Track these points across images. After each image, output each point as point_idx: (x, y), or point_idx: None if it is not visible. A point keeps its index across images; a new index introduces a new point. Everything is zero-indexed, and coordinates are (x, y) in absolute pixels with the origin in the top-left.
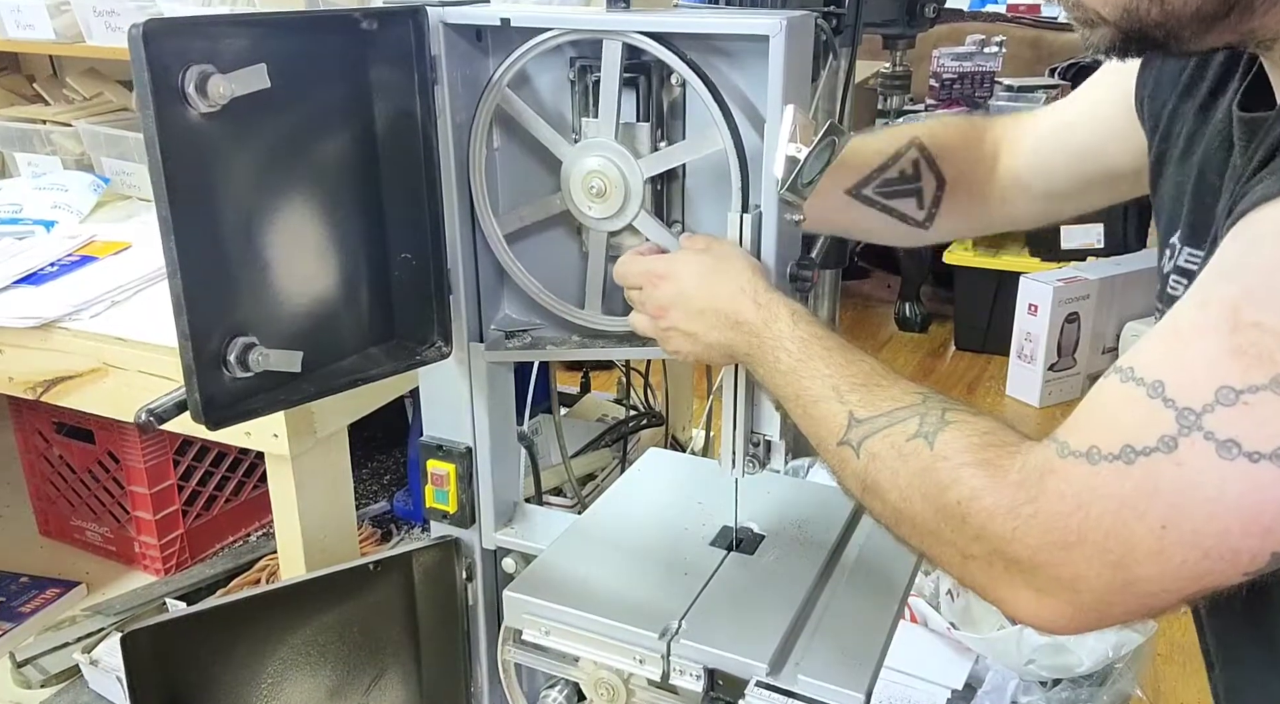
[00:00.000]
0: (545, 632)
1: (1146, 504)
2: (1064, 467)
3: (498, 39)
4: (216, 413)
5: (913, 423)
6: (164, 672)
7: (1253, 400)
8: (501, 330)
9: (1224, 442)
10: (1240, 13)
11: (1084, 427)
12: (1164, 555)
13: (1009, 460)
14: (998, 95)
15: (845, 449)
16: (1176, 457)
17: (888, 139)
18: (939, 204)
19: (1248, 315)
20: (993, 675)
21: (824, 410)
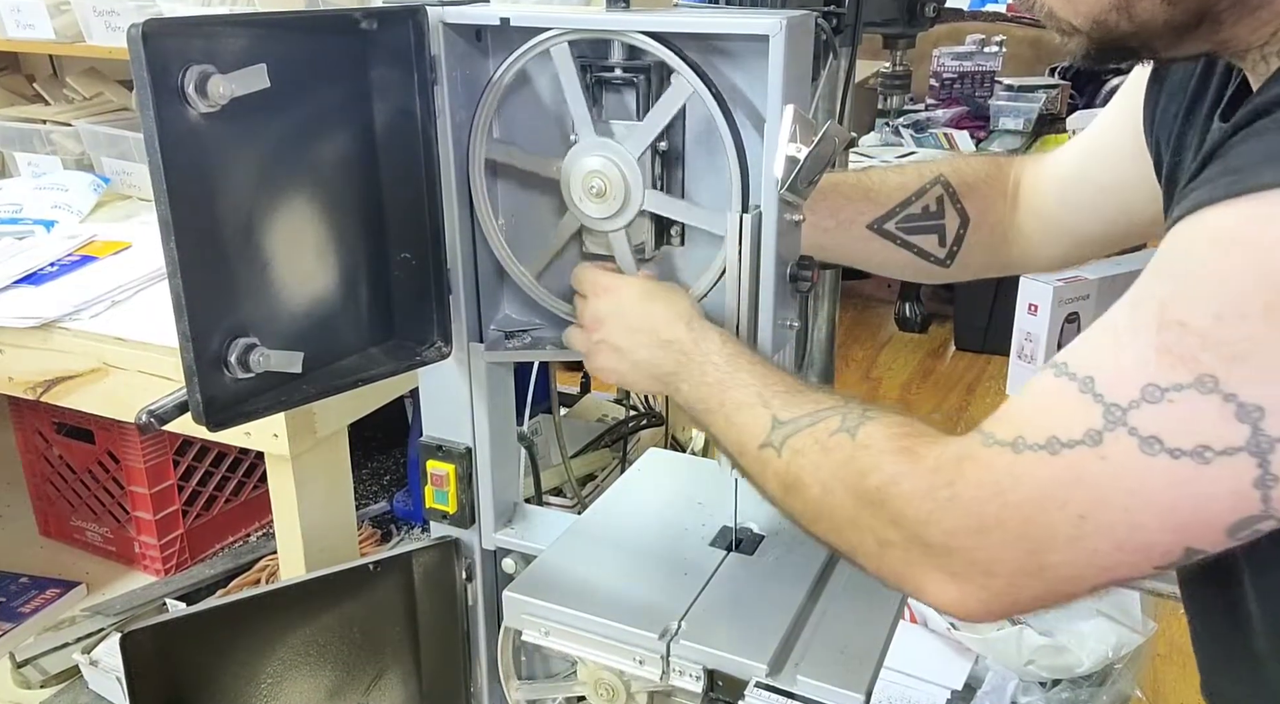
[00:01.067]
0: (545, 632)
1: (1067, 494)
2: (986, 454)
3: (497, 39)
4: (218, 414)
5: (835, 420)
6: (164, 672)
7: (1176, 399)
8: (501, 330)
9: (1147, 438)
10: (1210, 24)
11: (1013, 418)
12: (1079, 544)
13: (928, 449)
14: (998, 95)
15: (767, 450)
16: (1101, 450)
17: (912, 175)
18: (961, 242)
19: (1174, 315)
20: (992, 676)
21: (748, 416)
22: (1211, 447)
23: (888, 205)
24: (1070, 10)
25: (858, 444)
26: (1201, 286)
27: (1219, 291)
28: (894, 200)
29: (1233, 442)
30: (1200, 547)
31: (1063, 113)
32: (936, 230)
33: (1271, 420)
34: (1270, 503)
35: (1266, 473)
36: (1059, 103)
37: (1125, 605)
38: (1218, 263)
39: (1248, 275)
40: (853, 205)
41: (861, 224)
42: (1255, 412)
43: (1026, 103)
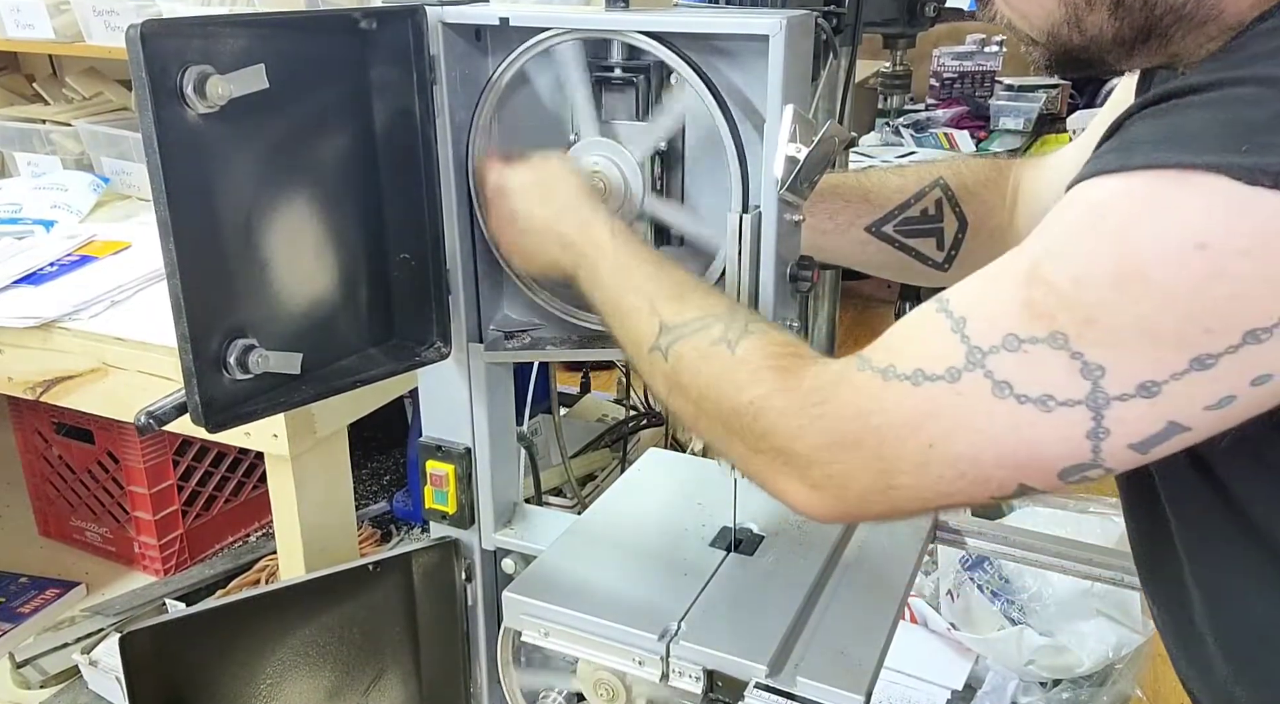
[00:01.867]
0: (544, 633)
1: (921, 422)
2: (859, 378)
3: (497, 38)
4: (217, 415)
5: (717, 329)
6: (163, 672)
7: (1031, 350)
8: (501, 331)
9: (999, 382)
10: (1158, 38)
11: (890, 347)
12: (925, 469)
13: (805, 368)
14: (998, 95)
15: (655, 354)
16: (958, 387)
17: (912, 177)
18: (959, 246)
19: (1042, 272)
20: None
21: (638, 320)
22: (1055, 397)
23: (886, 208)
24: (1026, 24)
25: (736, 358)
26: (1069, 251)
27: (1081, 258)
28: (892, 203)
29: (1074, 395)
30: (1032, 484)
31: (1063, 113)
32: (935, 234)
33: (1110, 380)
34: (1099, 453)
35: (1099, 426)
36: (1059, 103)
37: (1125, 605)
38: (1083, 232)
39: (1105, 248)
40: (851, 207)
41: (860, 226)
42: (1097, 370)
43: (1026, 103)
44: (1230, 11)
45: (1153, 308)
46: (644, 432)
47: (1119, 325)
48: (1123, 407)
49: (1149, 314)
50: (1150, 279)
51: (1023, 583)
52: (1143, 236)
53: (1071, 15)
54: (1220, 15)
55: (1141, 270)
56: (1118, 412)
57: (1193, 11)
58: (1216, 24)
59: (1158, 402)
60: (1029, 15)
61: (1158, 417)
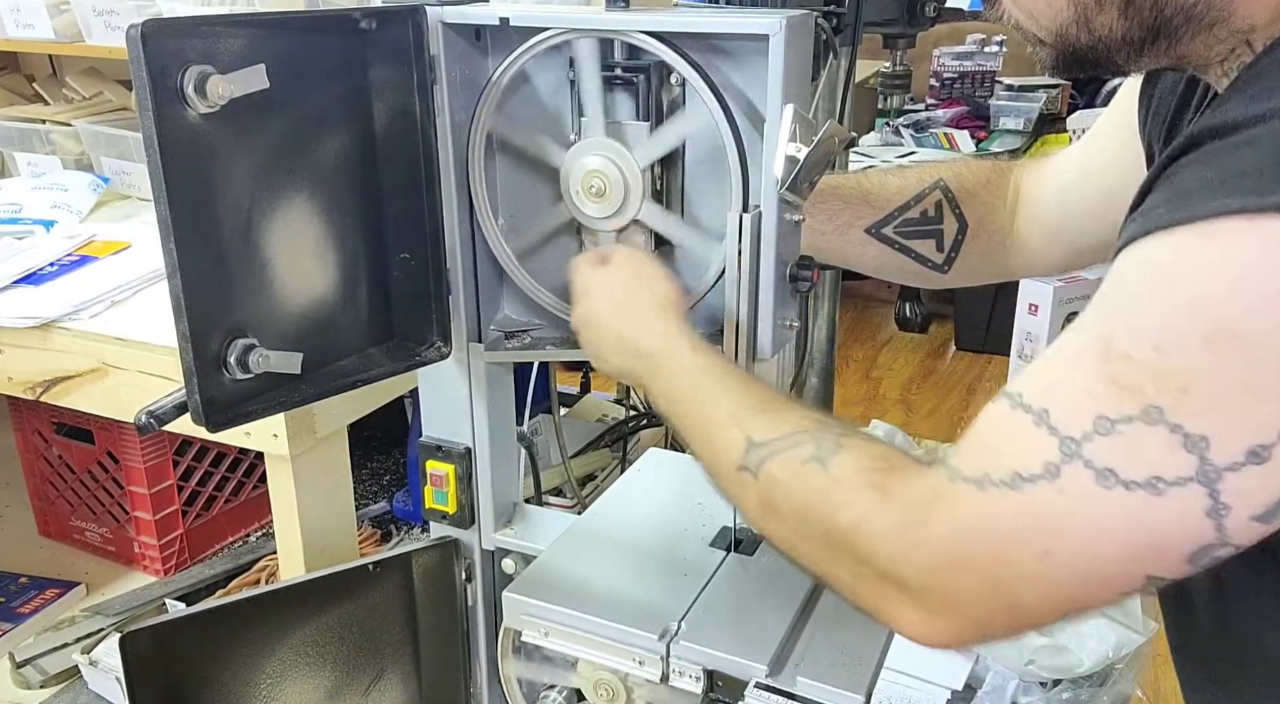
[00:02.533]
0: (544, 633)
1: (1031, 531)
2: (954, 492)
3: (497, 39)
4: (217, 415)
5: (809, 447)
6: (163, 672)
7: (1126, 430)
8: (501, 331)
9: (1101, 470)
10: (1167, 39)
11: (975, 453)
12: (1045, 581)
13: (900, 484)
14: (998, 95)
15: (744, 474)
16: (1059, 484)
17: (912, 179)
18: (959, 248)
19: (1118, 346)
20: (993, 676)
21: (724, 436)
22: (1163, 477)
23: (886, 209)
24: (1033, 24)
25: (831, 478)
26: (1142, 319)
27: (1158, 325)
28: (892, 204)
29: (1182, 472)
30: (1160, 574)
31: (1063, 113)
32: (934, 235)
33: (1216, 450)
34: (1224, 531)
35: (1217, 502)
36: (1059, 103)
37: (1126, 605)
38: (1154, 296)
39: (1184, 309)
40: (850, 209)
41: (859, 228)
42: (1201, 442)
43: (1027, 103)
44: (1241, 14)
45: (1246, 364)
46: (644, 432)
47: (1214, 389)
48: (1236, 478)
49: (1243, 371)
50: (1238, 334)
51: None
52: (1221, 291)
53: (1080, 15)
54: (1230, 18)
55: (1227, 327)
56: (1233, 484)
57: (1202, 13)
58: (1226, 27)
59: (1270, 466)
60: (1037, 15)
61: (1275, 482)
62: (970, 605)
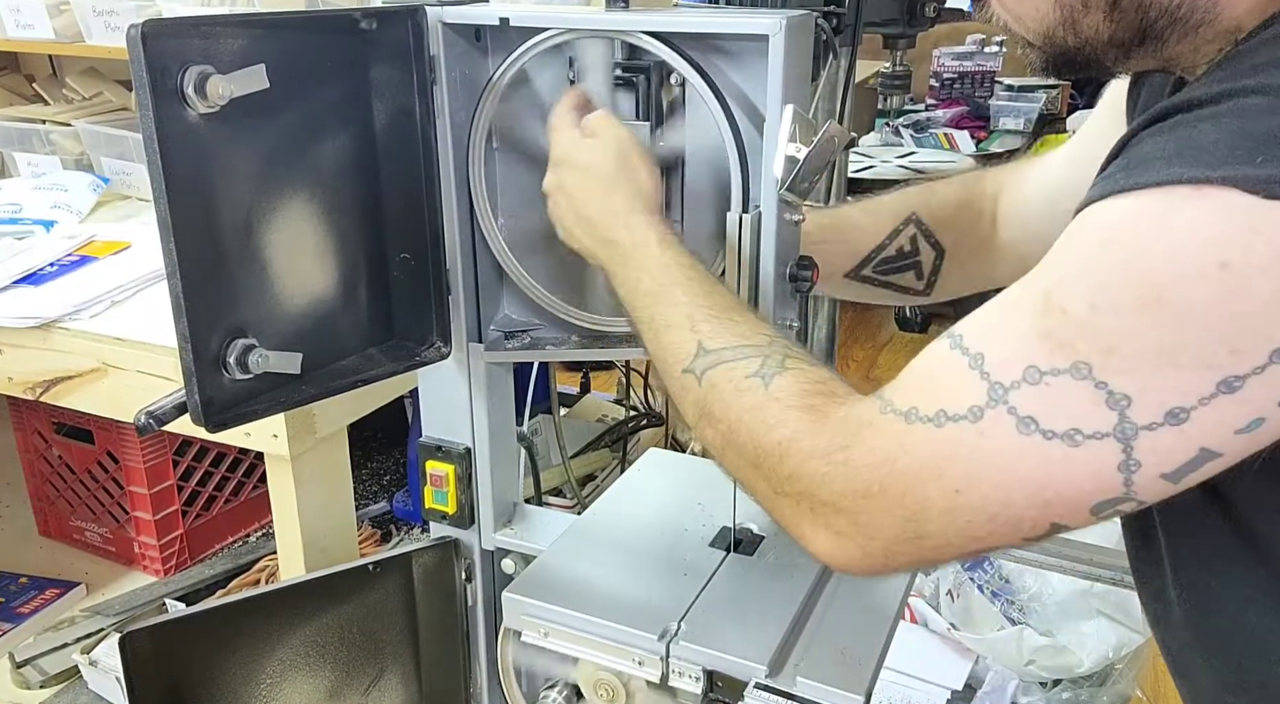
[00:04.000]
0: (544, 633)
1: (946, 466)
2: (882, 421)
3: (497, 39)
4: (217, 415)
5: (755, 361)
6: (163, 672)
7: (1054, 382)
8: (501, 331)
9: (1024, 418)
10: (1153, 41)
11: (909, 387)
12: (953, 515)
13: (834, 409)
14: (998, 95)
15: (689, 377)
16: (980, 426)
17: (885, 216)
18: (938, 272)
19: (1057, 301)
20: (993, 676)
21: (675, 337)
22: (1082, 430)
23: (862, 253)
24: (1021, 26)
25: (769, 394)
26: (1081, 277)
27: (1095, 284)
28: (867, 248)
29: (1101, 427)
30: (1065, 522)
31: (1063, 113)
32: (913, 268)
33: (1137, 409)
34: (1132, 486)
35: (1130, 458)
36: (1059, 103)
37: (1125, 605)
38: (1096, 256)
39: (1121, 271)
40: (827, 259)
41: (839, 275)
42: (1123, 400)
43: (1026, 103)
44: (1226, 16)
45: (1174, 331)
46: (644, 432)
47: (1141, 351)
48: (1152, 436)
49: (1171, 338)
50: (1170, 301)
51: (1023, 583)
52: (1159, 257)
53: (1067, 17)
54: (1215, 19)
55: (1160, 293)
56: (1147, 441)
57: (1187, 15)
58: (1211, 28)
59: (1187, 429)
60: (1024, 18)
61: (1189, 444)
62: (878, 531)
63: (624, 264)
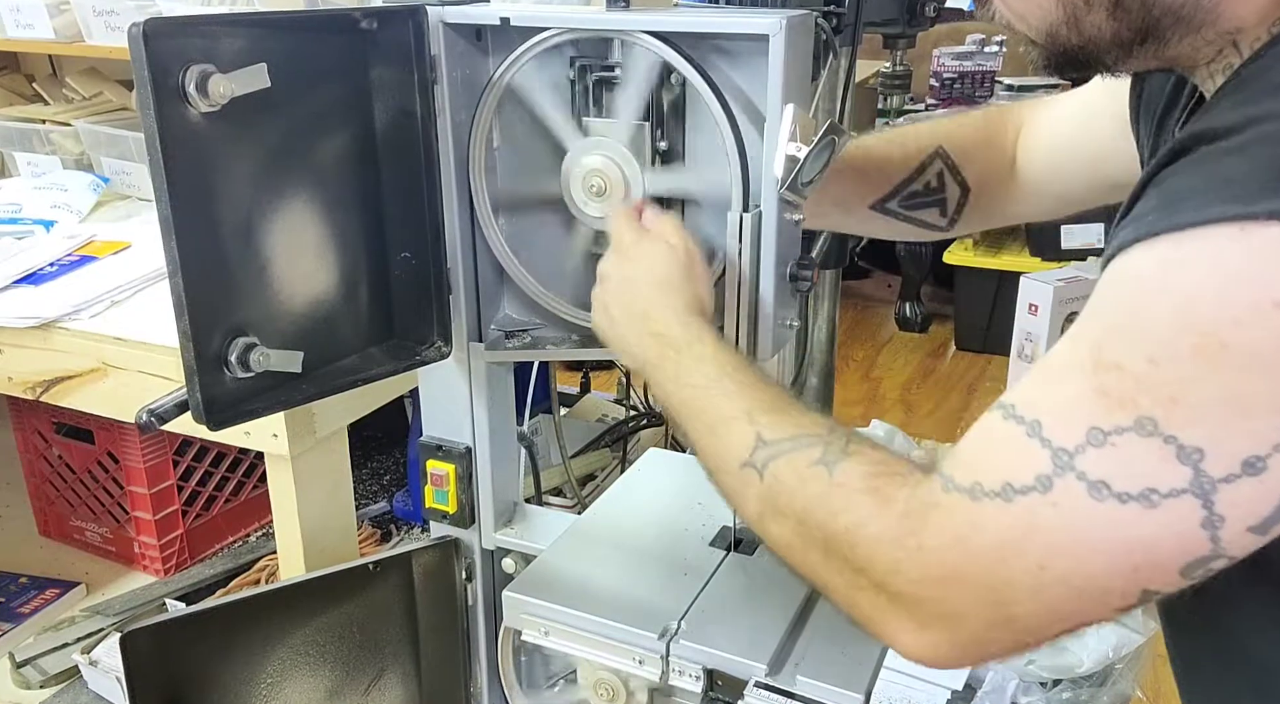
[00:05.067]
0: (544, 632)
1: (1024, 543)
2: (948, 501)
3: (497, 38)
4: (218, 414)
5: (817, 449)
6: (163, 672)
7: (1119, 442)
8: (501, 330)
9: (1095, 482)
10: (1155, 41)
11: (968, 462)
12: (1040, 594)
13: (898, 490)
14: (998, 95)
15: (749, 471)
16: (1052, 497)
17: (912, 147)
18: (961, 210)
19: (1109, 357)
20: (993, 676)
21: (733, 431)
22: (1158, 489)
23: (889, 185)
24: (1023, 24)
25: (834, 482)
26: (1131, 329)
27: (1147, 335)
28: (894, 179)
29: (1176, 484)
30: (1156, 587)
31: None
32: (938, 204)
33: (1211, 461)
34: (1219, 543)
35: (1212, 513)
36: None
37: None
38: (1143, 305)
39: (1173, 319)
40: (853, 187)
41: (863, 206)
42: (1195, 453)
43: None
44: (1227, 16)
45: (1237, 375)
46: (644, 432)
47: (1207, 400)
48: (1231, 489)
49: (1234, 382)
50: (1229, 346)
51: None
52: (1212, 302)
53: (1070, 16)
54: (1217, 20)
55: (1218, 337)
56: (1228, 495)
57: (1190, 14)
58: (1214, 28)
59: (1267, 478)
60: (1026, 16)
61: (1270, 493)
62: (964, 619)
63: (676, 358)
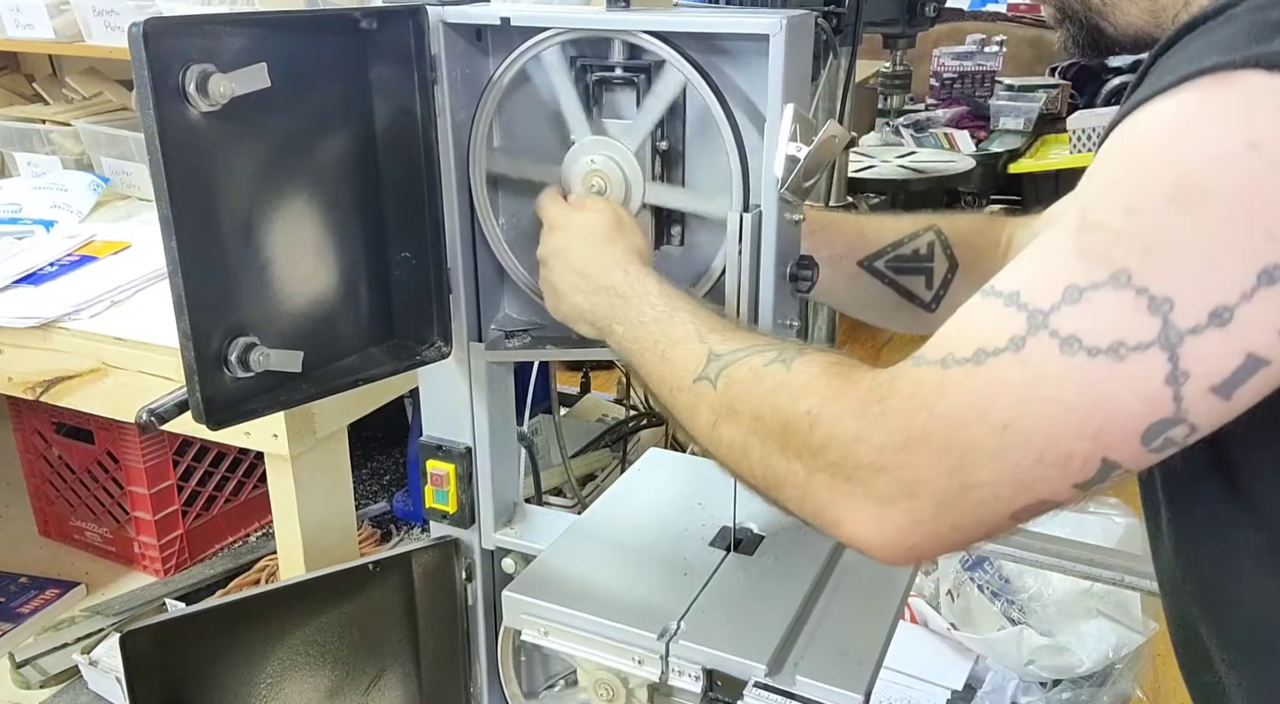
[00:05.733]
0: (544, 632)
1: (990, 402)
2: (915, 372)
3: (497, 38)
4: (218, 413)
5: (771, 352)
6: (163, 672)
7: (1094, 297)
8: (501, 330)
9: (1066, 338)
10: None
11: (944, 339)
12: (1001, 457)
13: (861, 374)
14: (998, 95)
15: (702, 383)
16: (1023, 355)
17: (907, 220)
18: (948, 287)
19: (1092, 217)
20: (993, 676)
21: (684, 351)
22: (1125, 342)
23: (879, 244)
24: None
25: (792, 372)
26: (1115, 186)
27: (1129, 187)
28: (886, 240)
29: (1144, 336)
30: (1117, 458)
31: (1063, 113)
32: (925, 273)
33: (1179, 312)
34: (1182, 402)
35: (1176, 368)
36: (1059, 103)
37: (1125, 605)
38: (1129, 164)
39: (1153, 168)
40: (846, 240)
41: (852, 260)
42: (1165, 304)
43: (1027, 102)
44: None
45: (1211, 220)
46: (644, 431)
47: (1179, 247)
48: (1197, 341)
49: (1208, 227)
50: (1204, 189)
51: (1023, 583)
52: (1190, 147)
53: None
54: None
55: (1193, 182)
56: (1193, 348)
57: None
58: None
59: (1232, 330)
60: None
61: (1235, 348)
62: (922, 487)
63: (623, 304)
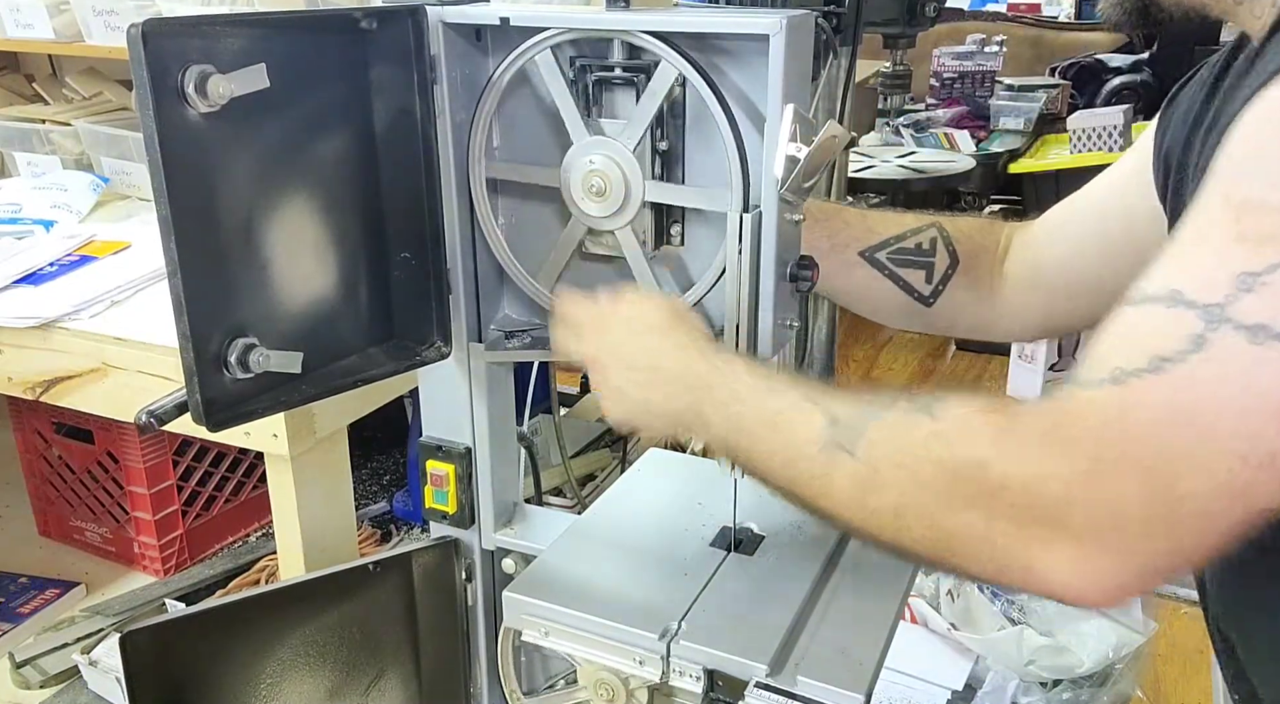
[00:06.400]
0: (544, 633)
1: (1185, 409)
2: (1085, 395)
3: (497, 38)
4: (218, 414)
5: (902, 404)
6: (163, 672)
7: (1271, 280)
8: (501, 330)
9: (1252, 327)
10: None
11: (1101, 357)
12: (1207, 468)
13: (1018, 408)
14: (998, 94)
15: (836, 453)
16: (1209, 353)
17: (910, 216)
18: (946, 282)
19: (1240, 195)
20: (993, 676)
21: (796, 419)
22: None
23: (882, 236)
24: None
25: (939, 419)
26: (1264, 164)
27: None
28: (889, 233)
29: None
30: None
31: (1063, 112)
32: (925, 267)
33: None
34: None
35: None
36: (1059, 102)
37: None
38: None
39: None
40: (850, 230)
41: (855, 249)
42: None
43: (1027, 102)
44: None
45: None
46: None
47: None
48: None
49: None
50: None
51: None
52: None
53: None
54: None
55: None
56: None
57: None
58: None
59: None
60: None
61: None
62: (1126, 514)
63: (710, 391)
